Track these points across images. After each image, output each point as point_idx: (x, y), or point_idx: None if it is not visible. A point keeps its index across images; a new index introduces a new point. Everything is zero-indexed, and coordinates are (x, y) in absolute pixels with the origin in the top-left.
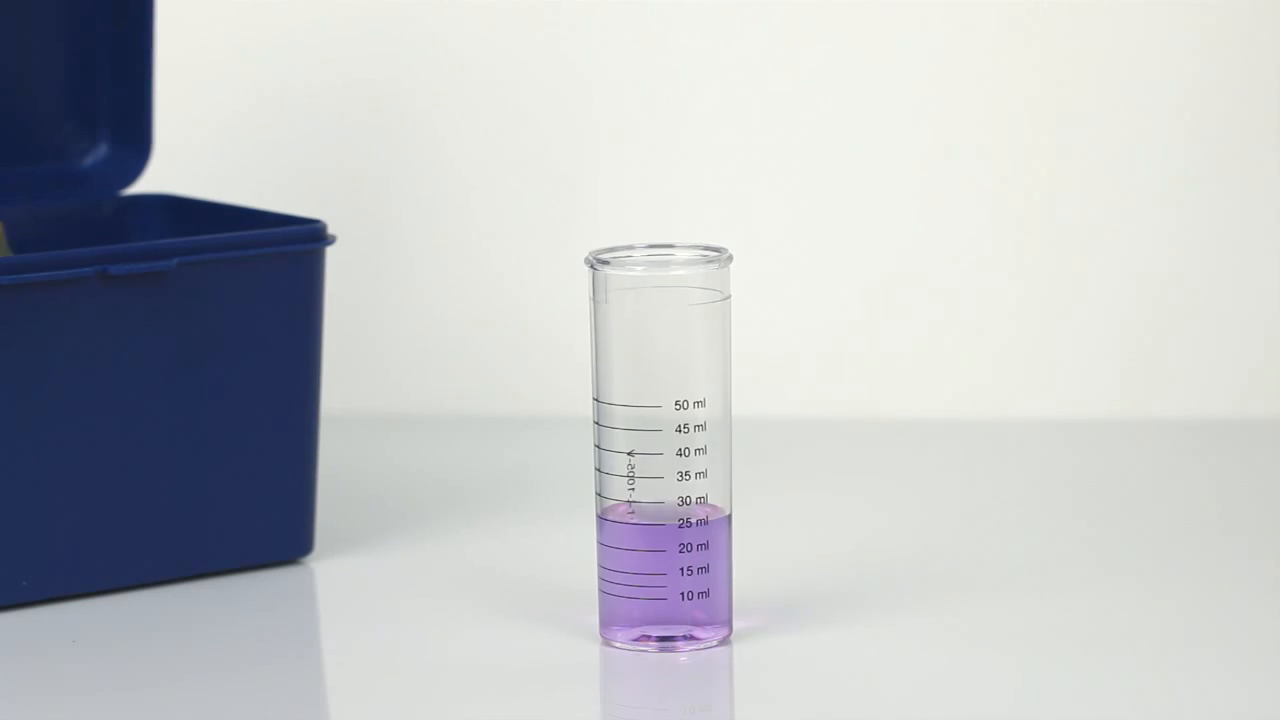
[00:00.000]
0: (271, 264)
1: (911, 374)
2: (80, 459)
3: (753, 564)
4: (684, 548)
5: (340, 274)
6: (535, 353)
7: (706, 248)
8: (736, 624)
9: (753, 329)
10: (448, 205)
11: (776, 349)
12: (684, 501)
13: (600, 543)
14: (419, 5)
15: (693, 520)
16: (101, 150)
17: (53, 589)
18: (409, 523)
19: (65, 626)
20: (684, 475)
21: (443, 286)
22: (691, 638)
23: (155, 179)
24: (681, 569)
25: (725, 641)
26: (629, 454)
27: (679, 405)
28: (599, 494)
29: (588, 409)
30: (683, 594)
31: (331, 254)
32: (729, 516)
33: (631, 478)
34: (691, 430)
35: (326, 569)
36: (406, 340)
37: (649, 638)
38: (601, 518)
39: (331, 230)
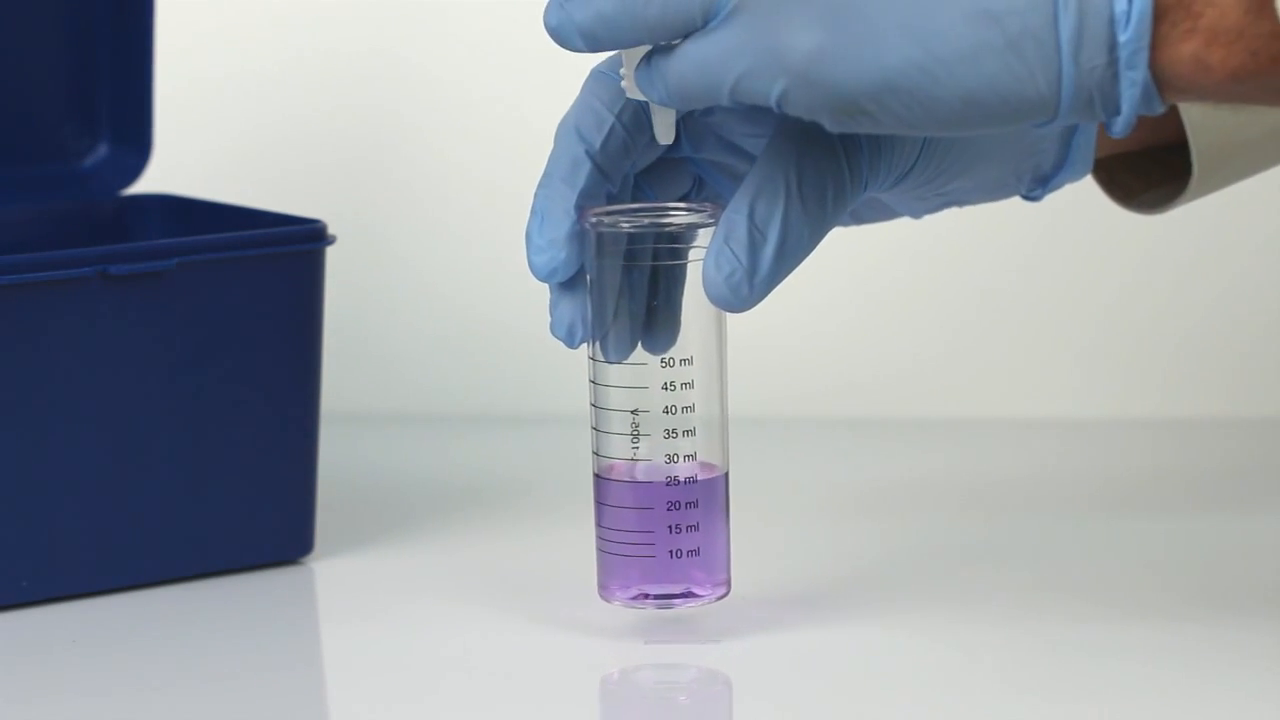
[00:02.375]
0: (271, 264)
1: (911, 374)
2: (80, 459)
3: (750, 564)
4: (673, 505)
5: (340, 274)
6: (535, 353)
7: (697, 204)
8: (734, 628)
9: (752, 329)
10: (447, 205)
11: (775, 348)
12: (672, 459)
13: (595, 501)
14: (420, 6)
15: (680, 478)
16: (101, 150)
17: (53, 589)
18: (409, 523)
19: (65, 626)
20: (671, 433)
21: (443, 286)
22: (690, 594)
23: (155, 179)
24: (670, 526)
25: (723, 599)
26: (632, 412)
27: (665, 363)
28: (594, 452)
29: (588, 408)
30: (671, 552)
31: (331, 254)
32: (725, 475)
33: (626, 435)
34: (679, 388)
35: (326, 569)
36: (406, 340)
37: (647, 596)
38: (596, 475)
39: (331, 230)
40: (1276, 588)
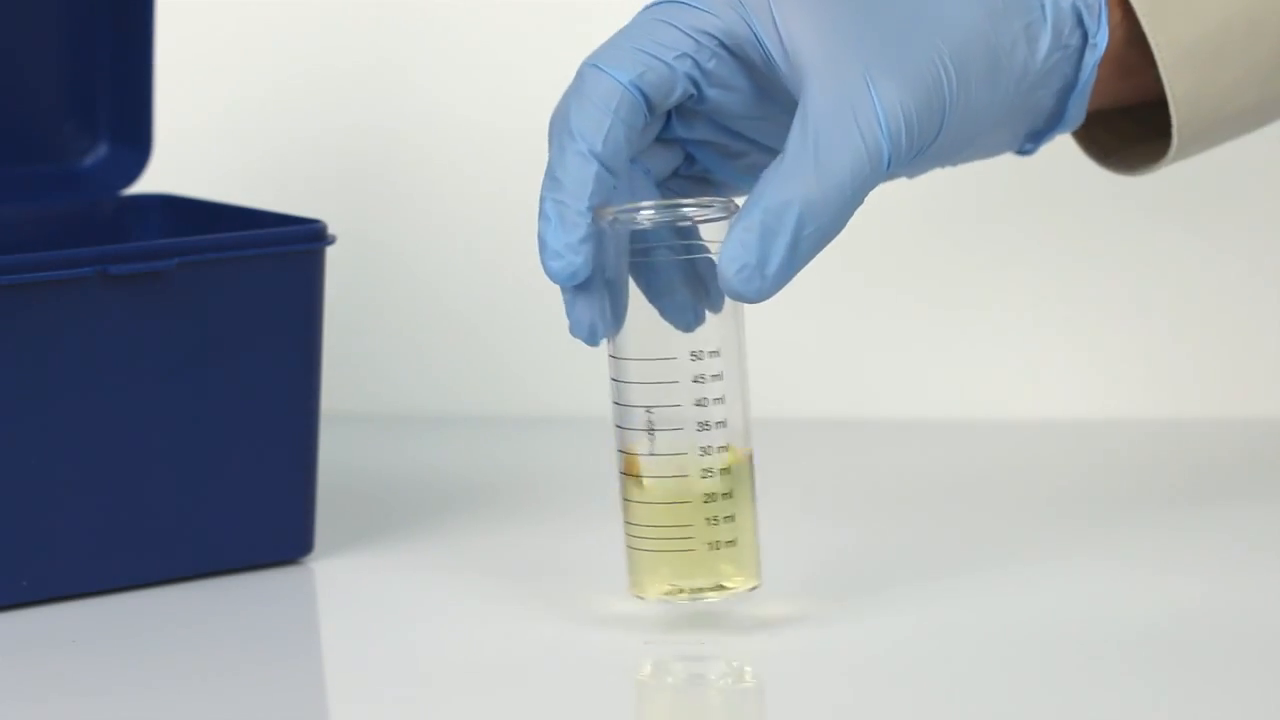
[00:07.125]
0: (271, 264)
1: (910, 374)
2: (80, 459)
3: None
4: (709, 498)
5: (340, 274)
6: (535, 353)
7: (713, 200)
8: (741, 629)
9: (751, 330)
10: (448, 205)
11: (773, 348)
12: (705, 451)
13: (626, 499)
14: (419, 7)
15: (715, 470)
16: (101, 150)
17: (53, 589)
18: (409, 523)
19: (65, 626)
20: (704, 426)
21: (443, 286)
22: (720, 587)
23: (155, 179)
24: (708, 519)
25: (754, 590)
26: (647, 409)
27: (694, 356)
28: (621, 450)
29: (589, 408)
30: (710, 544)
31: (331, 254)
32: (749, 458)
33: (650, 431)
34: (708, 380)
35: (326, 569)
36: (406, 340)
37: (680, 590)
38: (623, 473)
39: (331, 230)
40: (1263, 586)
